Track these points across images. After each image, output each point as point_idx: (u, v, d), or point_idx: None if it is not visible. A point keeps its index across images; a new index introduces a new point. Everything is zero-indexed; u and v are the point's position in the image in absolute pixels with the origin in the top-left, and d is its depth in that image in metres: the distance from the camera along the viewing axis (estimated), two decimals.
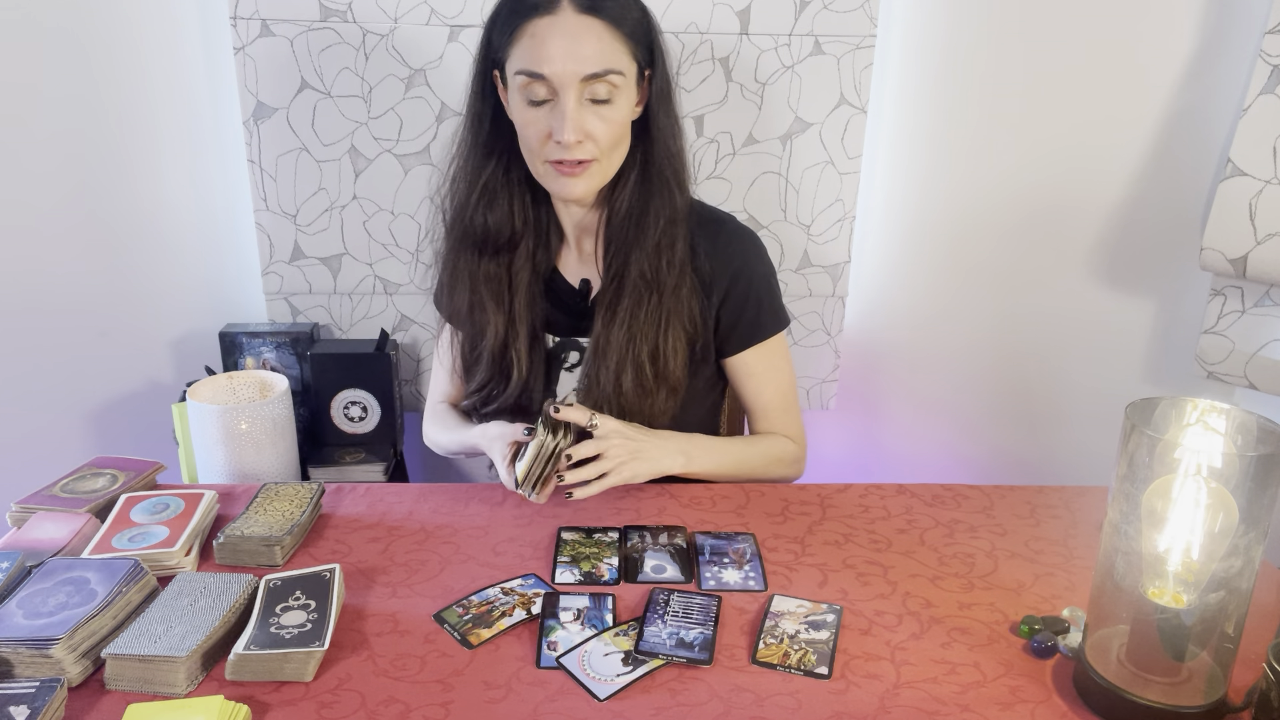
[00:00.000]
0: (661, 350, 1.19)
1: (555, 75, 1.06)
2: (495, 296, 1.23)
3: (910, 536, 1.12)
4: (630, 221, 1.19)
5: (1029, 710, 0.84)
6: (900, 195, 1.70)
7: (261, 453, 1.36)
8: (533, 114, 1.10)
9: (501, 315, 1.23)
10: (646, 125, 1.17)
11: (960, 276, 1.74)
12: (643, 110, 1.17)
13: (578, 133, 1.08)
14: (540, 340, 1.26)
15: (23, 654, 0.84)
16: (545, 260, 1.26)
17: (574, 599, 0.98)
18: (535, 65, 1.06)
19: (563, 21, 1.06)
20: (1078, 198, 1.65)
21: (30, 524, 1.06)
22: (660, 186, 1.18)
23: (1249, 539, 0.76)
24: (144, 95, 1.58)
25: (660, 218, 1.17)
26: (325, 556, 1.07)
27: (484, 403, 1.28)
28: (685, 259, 1.20)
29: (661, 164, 1.17)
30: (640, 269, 1.18)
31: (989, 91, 1.61)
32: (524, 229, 1.23)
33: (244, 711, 0.80)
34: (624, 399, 1.19)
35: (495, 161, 1.19)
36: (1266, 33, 1.40)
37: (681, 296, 1.20)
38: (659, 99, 1.16)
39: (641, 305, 1.18)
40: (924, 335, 1.78)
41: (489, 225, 1.20)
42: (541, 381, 1.26)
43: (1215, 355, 1.57)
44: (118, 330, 1.71)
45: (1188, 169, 1.59)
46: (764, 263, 1.27)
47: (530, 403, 1.26)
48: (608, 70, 1.07)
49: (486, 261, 1.23)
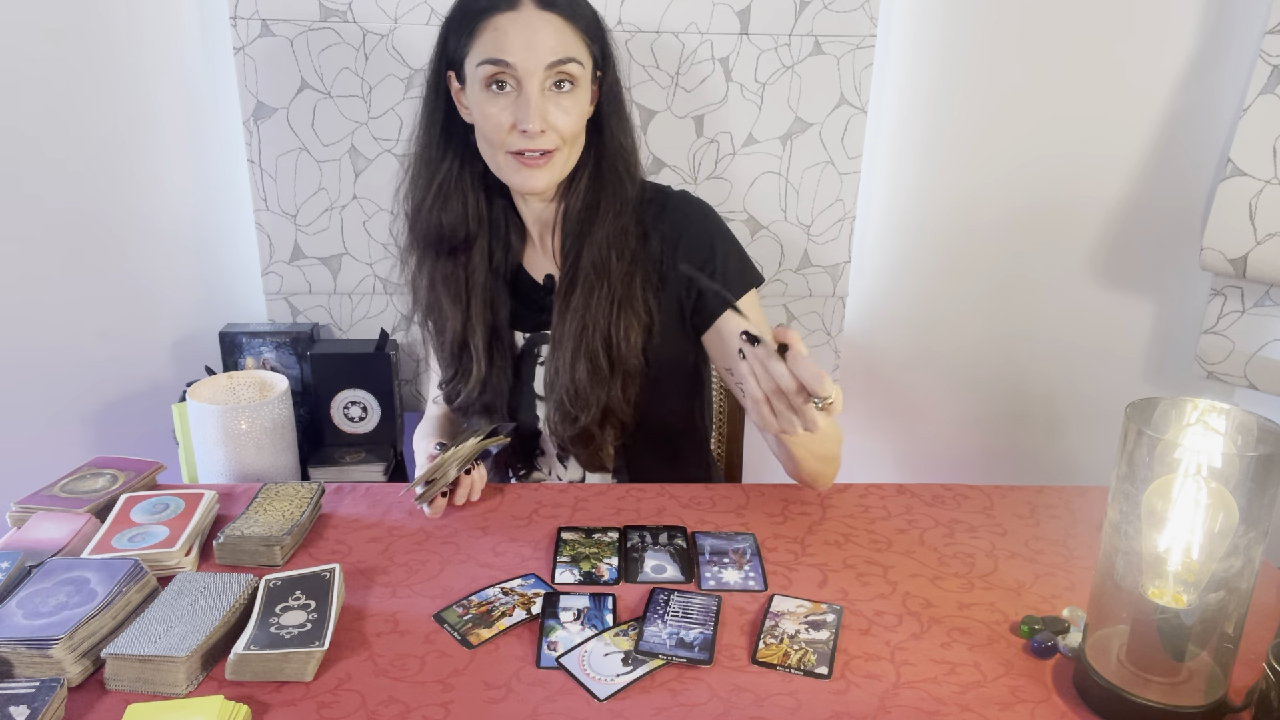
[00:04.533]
0: (614, 338, 1.20)
1: (520, 62, 1.10)
2: (452, 295, 1.25)
3: (910, 536, 1.12)
4: (583, 214, 1.22)
5: (1029, 710, 0.84)
6: (900, 195, 1.70)
7: (261, 453, 1.36)
8: (494, 106, 1.12)
9: (459, 313, 1.26)
10: (599, 123, 1.20)
11: (960, 277, 1.74)
12: (595, 109, 1.20)
13: (541, 121, 1.11)
14: (501, 337, 1.28)
15: (23, 654, 0.84)
16: (505, 258, 1.28)
17: (574, 599, 0.98)
18: (500, 53, 1.10)
19: (525, 16, 1.10)
20: (1078, 197, 1.65)
21: (30, 524, 1.06)
22: (612, 180, 1.21)
23: (1249, 539, 0.76)
24: (144, 95, 1.58)
25: (610, 210, 1.20)
26: (325, 556, 1.07)
27: (453, 396, 1.31)
28: (637, 248, 1.22)
29: (614, 159, 1.21)
30: (592, 258, 1.20)
31: (989, 91, 1.62)
32: (479, 228, 1.25)
33: (244, 711, 0.80)
34: (580, 387, 1.21)
35: (449, 162, 1.21)
36: (1266, 33, 1.40)
37: (633, 285, 1.21)
38: (610, 98, 1.20)
39: (593, 294, 1.20)
40: (924, 335, 1.78)
41: (444, 225, 1.22)
42: (506, 377, 1.28)
43: (1215, 355, 1.57)
44: (118, 330, 1.71)
45: (1188, 169, 1.59)
46: (712, 228, 1.25)
47: (494, 399, 1.28)
48: (569, 58, 1.11)
49: (443, 261, 1.25)
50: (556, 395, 1.23)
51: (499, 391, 1.28)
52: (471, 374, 1.27)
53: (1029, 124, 1.62)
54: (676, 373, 1.30)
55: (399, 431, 1.67)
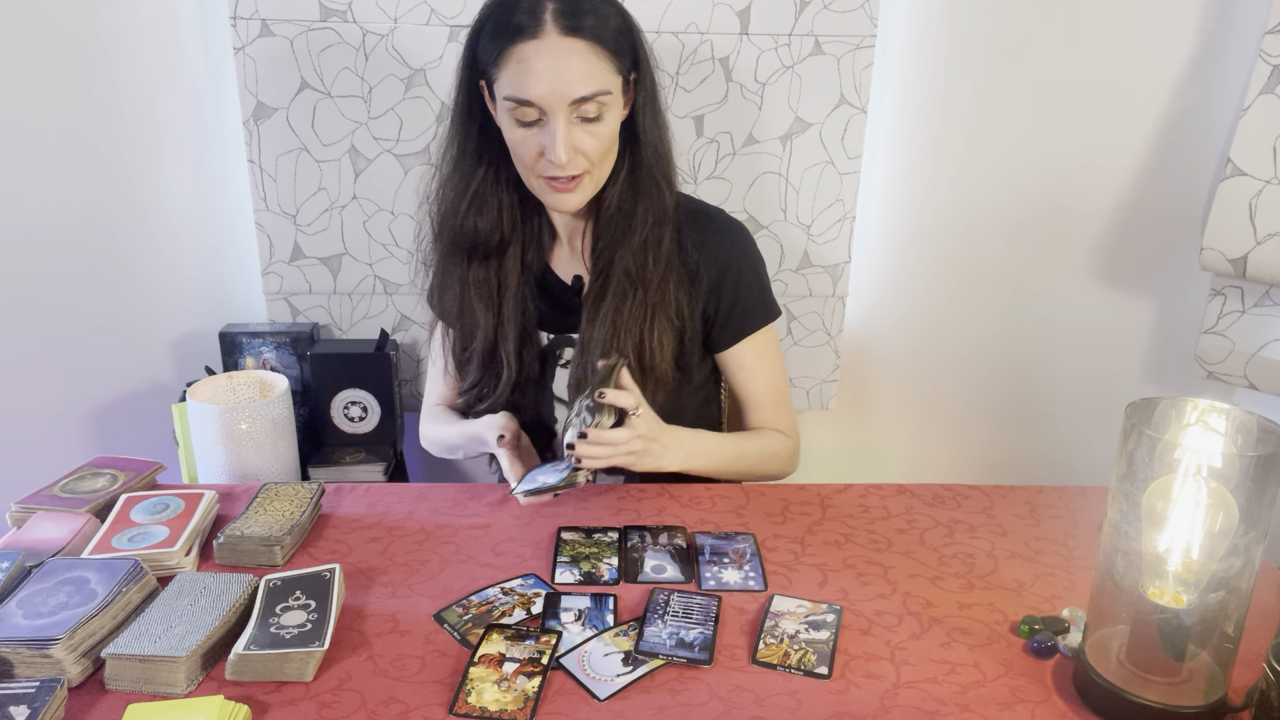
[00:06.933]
0: (647, 344, 1.20)
1: (543, 99, 1.07)
2: (484, 299, 1.25)
3: (910, 536, 1.12)
4: (618, 219, 1.20)
5: (1029, 710, 0.84)
6: (900, 195, 1.70)
7: (261, 453, 1.36)
8: (523, 133, 1.11)
9: (490, 317, 1.25)
10: (634, 127, 1.18)
11: (960, 276, 1.74)
12: (630, 112, 1.18)
13: (569, 152, 1.10)
14: (532, 339, 1.27)
15: (23, 654, 0.84)
16: (536, 260, 1.27)
17: (575, 599, 0.98)
18: (523, 92, 1.07)
19: (548, 45, 1.06)
20: (1078, 197, 1.65)
21: (30, 524, 1.06)
22: (649, 186, 1.19)
23: (1249, 539, 0.76)
24: (144, 95, 1.58)
25: (649, 216, 1.19)
26: (325, 556, 1.07)
27: (476, 401, 1.30)
28: (672, 254, 1.21)
29: (650, 164, 1.19)
30: (625, 265, 1.19)
31: (989, 91, 1.61)
32: (513, 232, 1.24)
33: (244, 711, 0.80)
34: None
35: (485, 168, 1.20)
36: (1266, 33, 1.40)
37: (668, 291, 1.21)
38: (645, 101, 1.17)
39: (626, 300, 1.19)
40: (924, 335, 1.78)
41: (479, 230, 1.21)
42: (534, 379, 1.27)
43: (1215, 355, 1.57)
44: (118, 330, 1.71)
45: (1188, 169, 1.59)
46: (752, 255, 1.28)
47: (522, 400, 1.27)
48: (596, 93, 1.08)
49: (476, 266, 1.24)
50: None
51: (527, 394, 1.27)
52: (502, 378, 1.26)
53: (1029, 124, 1.62)
54: (701, 378, 1.32)
55: (399, 431, 1.67)
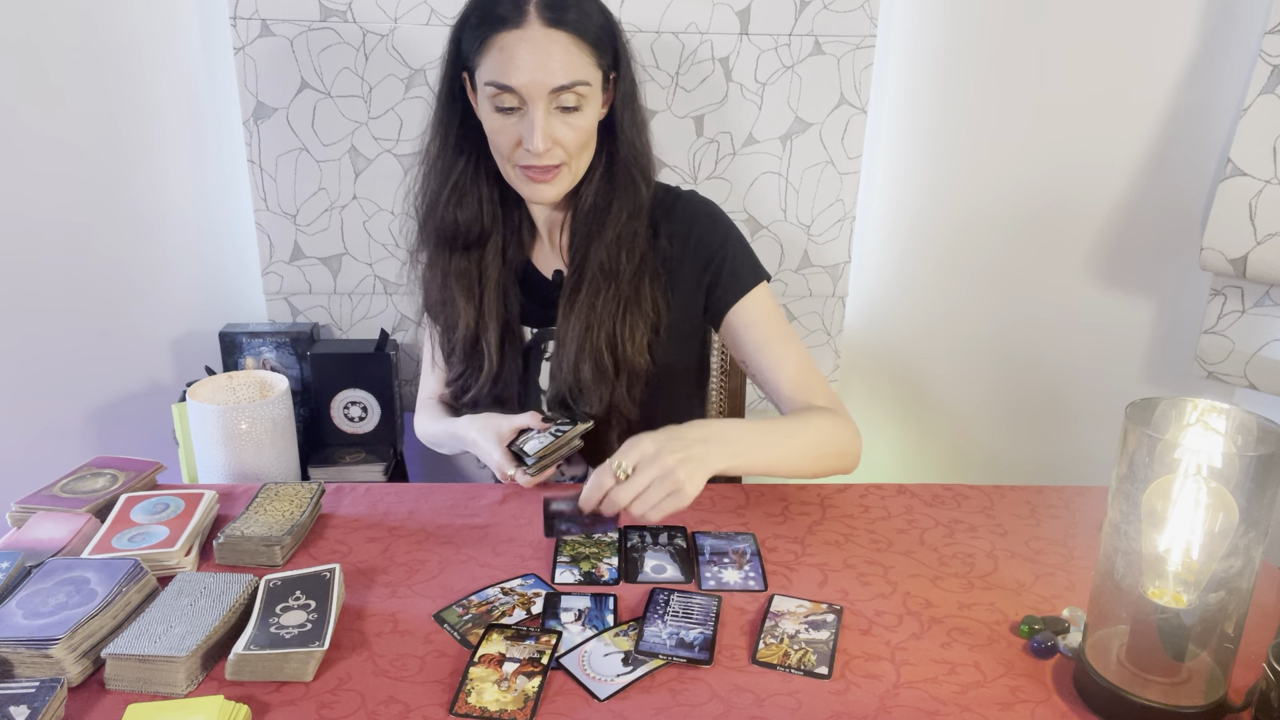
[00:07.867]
0: (620, 338, 1.21)
1: (523, 87, 1.09)
2: (465, 291, 1.26)
3: (910, 536, 1.12)
4: (593, 215, 1.21)
5: (1029, 710, 0.84)
6: (900, 195, 1.70)
7: (261, 453, 1.36)
8: (502, 122, 1.12)
9: (472, 308, 1.26)
10: (612, 125, 1.20)
11: (960, 276, 1.74)
12: (609, 110, 1.19)
13: (546, 141, 1.11)
14: (513, 332, 1.29)
15: (23, 654, 0.84)
16: (517, 255, 1.28)
17: (575, 599, 0.98)
18: (504, 77, 1.09)
19: (530, 35, 1.08)
20: (1078, 198, 1.65)
21: (30, 524, 1.06)
22: (626, 183, 1.20)
23: (1249, 539, 0.76)
24: (144, 95, 1.58)
25: (624, 212, 1.20)
26: (325, 556, 1.07)
27: (461, 393, 1.32)
28: (646, 249, 1.22)
29: (627, 161, 1.20)
30: (599, 259, 1.20)
31: (989, 91, 1.62)
32: (493, 225, 1.25)
33: (244, 711, 0.80)
34: (584, 386, 1.21)
35: (465, 160, 1.21)
36: (1266, 33, 1.40)
37: (642, 285, 1.22)
38: (624, 100, 1.18)
39: (599, 295, 1.20)
40: (924, 335, 1.78)
41: (459, 222, 1.23)
42: (516, 372, 1.29)
43: (1215, 355, 1.57)
44: (118, 330, 1.71)
45: (1188, 169, 1.59)
46: (723, 225, 1.27)
47: (507, 393, 1.29)
48: (575, 82, 1.10)
49: (457, 257, 1.26)
50: (559, 392, 1.24)
51: (510, 386, 1.28)
52: (483, 369, 1.27)
53: (1029, 124, 1.62)
54: (683, 369, 1.32)
55: (399, 431, 1.67)
